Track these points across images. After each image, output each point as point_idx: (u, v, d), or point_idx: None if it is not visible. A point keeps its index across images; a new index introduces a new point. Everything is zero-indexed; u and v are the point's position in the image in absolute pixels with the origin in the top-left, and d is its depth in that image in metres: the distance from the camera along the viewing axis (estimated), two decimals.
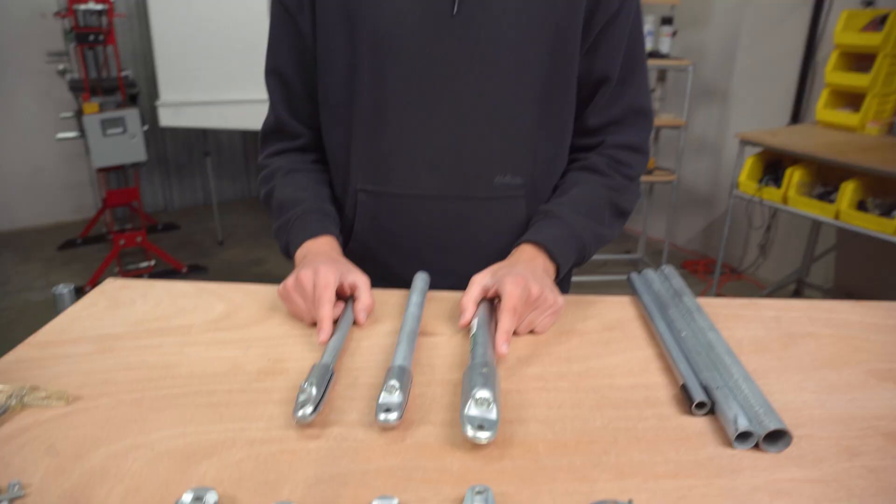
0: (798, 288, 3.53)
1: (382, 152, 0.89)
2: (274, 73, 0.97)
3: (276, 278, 3.51)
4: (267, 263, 3.80)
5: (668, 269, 0.89)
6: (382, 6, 0.84)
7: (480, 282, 0.79)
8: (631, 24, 0.89)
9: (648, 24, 3.16)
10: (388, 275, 0.93)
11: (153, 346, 0.74)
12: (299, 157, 1.01)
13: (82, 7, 3.18)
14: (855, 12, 2.80)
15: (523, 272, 0.77)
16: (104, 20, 3.36)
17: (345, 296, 0.82)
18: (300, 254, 0.89)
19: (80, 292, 3.30)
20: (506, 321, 0.71)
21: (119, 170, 3.60)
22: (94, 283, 3.33)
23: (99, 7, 3.19)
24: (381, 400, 0.60)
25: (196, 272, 3.62)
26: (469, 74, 0.85)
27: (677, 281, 0.86)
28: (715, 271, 3.10)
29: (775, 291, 3.46)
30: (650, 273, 0.89)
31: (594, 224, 0.90)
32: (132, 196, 3.54)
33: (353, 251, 0.96)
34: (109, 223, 4.14)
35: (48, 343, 0.75)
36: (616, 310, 0.85)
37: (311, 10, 0.90)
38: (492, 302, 0.79)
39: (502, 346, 0.68)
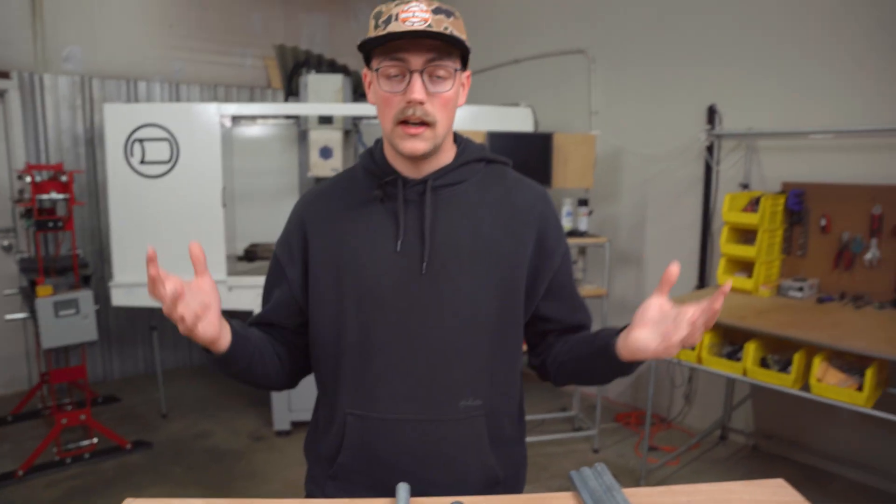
0: (723, 433, 3.80)
1: (368, 383, 1.11)
2: (265, 303, 1.21)
3: (224, 451, 3.50)
4: (214, 436, 3.78)
5: (601, 467, 1.11)
6: (366, 267, 1.10)
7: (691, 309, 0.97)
8: (570, 269, 1.22)
9: (567, 206, 3.61)
10: (374, 484, 1.10)
11: None
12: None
13: (45, 197, 3.36)
14: (735, 195, 3.32)
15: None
16: (64, 207, 3.55)
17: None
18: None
19: (8, 477, 3.22)
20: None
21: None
22: (28, 467, 3.23)
23: (61, 197, 3.38)
24: None
25: (141, 448, 3.57)
26: (436, 320, 1.09)
27: (608, 477, 1.08)
28: (646, 424, 3.33)
29: (703, 439, 3.71)
30: (586, 471, 1.10)
31: None
32: (78, 374, 3.53)
33: (342, 465, 1.13)
34: (45, 398, 4.04)
35: None
36: None
37: (302, 265, 1.15)
38: None
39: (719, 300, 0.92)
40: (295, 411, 3.75)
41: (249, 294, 3.64)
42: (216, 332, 0.99)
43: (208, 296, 0.98)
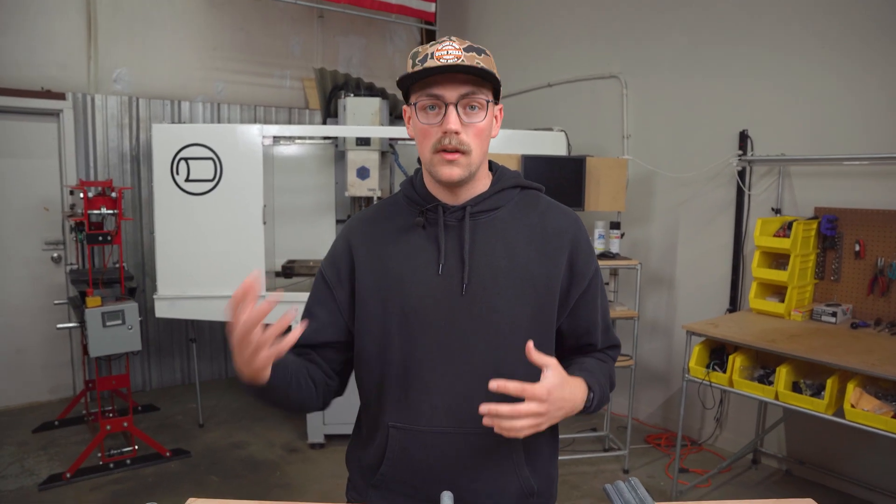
0: (755, 457, 3.77)
1: (410, 398, 1.18)
2: (306, 318, 1.27)
3: (259, 462, 3.60)
4: (249, 447, 3.87)
5: (635, 481, 1.16)
6: (410, 290, 1.17)
7: (543, 388, 1.04)
8: (599, 291, 1.28)
9: (599, 229, 3.66)
10: (414, 493, 1.17)
11: None
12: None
13: (96, 212, 3.52)
14: (767, 220, 3.34)
15: (557, 402, 1.05)
16: (113, 222, 3.71)
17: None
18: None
19: (57, 479, 3.38)
20: (504, 407, 1.00)
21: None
22: (75, 469, 3.36)
23: (111, 212, 3.54)
24: None
25: (179, 456, 3.68)
26: (476, 338, 1.16)
27: (642, 490, 1.13)
28: (676, 445, 3.33)
29: (734, 462, 3.69)
30: (621, 485, 1.15)
31: (605, 388, 1.23)
32: (122, 383, 3.66)
33: (384, 474, 1.20)
34: (88, 405, 4.19)
35: None
36: None
37: (349, 287, 1.23)
38: None
39: (483, 408, 1.00)
40: (329, 424, 3.83)
41: (287, 309, 3.74)
42: (265, 366, 1.04)
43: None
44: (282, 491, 3.34)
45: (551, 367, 1.06)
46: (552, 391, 1.04)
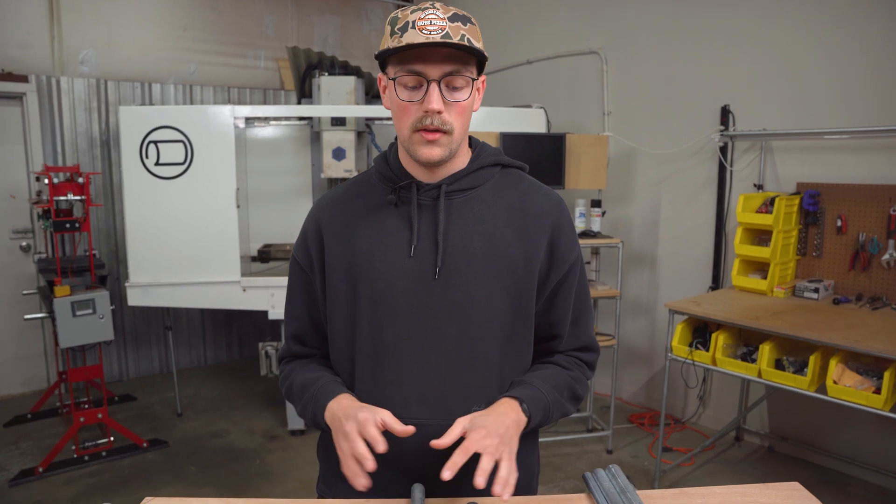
0: (738, 435, 3.77)
1: (380, 387, 1.11)
2: (290, 315, 1.22)
3: (238, 450, 3.53)
4: (229, 436, 3.81)
5: (615, 469, 1.11)
6: (380, 272, 1.10)
7: (461, 423, 0.99)
8: (577, 281, 1.19)
9: (580, 207, 3.60)
10: (386, 486, 1.11)
11: None
12: (310, 359, 1.24)
13: (62, 198, 3.41)
14: (749, 196, 3.30)
15: (491, 424, 0.98)
16: (81, 209, 3.59)
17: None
18: (328, 415, 1.07)
19: (29, 474, 3.30)
20: (457, 455, 0.94)
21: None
22: (48, 464, 3.28)
23: (78, 198, 3.43)
24: None
25: (157, 447, 3.60)
26: (448, 325, 1.10)
27: (623, 479, 1.08)
28: (660, 424, 3.31)
29: (717, 440, 3.69)
30: (601, 472, 1.10)
31: (557, 396, 1.14)
32: (96, 374, 3.57)
33: None
34: (62, 397, 4.10)
35: None
36: None
37: (321, 271, 1.16)
38: None
39: (445, 473, 0.92)
40: None
41: (263, 294, 3.67)
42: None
43: None
44: (261, 479, 3.29)
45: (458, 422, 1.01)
46: (473, 419, 1.00)
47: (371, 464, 0.96)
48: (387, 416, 1.01)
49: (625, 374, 4.34)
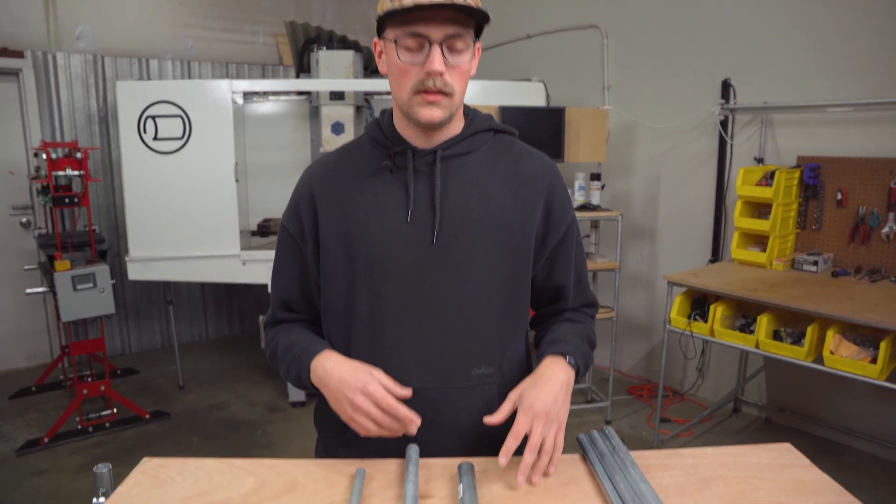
0: (736, 406, 3.81)
1: (379, 353, 1.12)
2: (278, 284, 1.22)
3: (240, 422, 3.56)
4: (230, 407, 3.85)
5: (609, 430, 1.12)
6: (377, 237, 1.10)
7: (511, 398, 1.04)
8: (575, 242, 1.21)
9: (580, 180, 3.59)
10: (385, 451, 1.12)
11: None
12: (294, 323, 1.25)
13: (61, 173, 3.40)
14: (749, 169, 3.29)
15: (540, 400, 1.02)
16: (79, 183, 3.59)
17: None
18: (315, 375, 1.09)
19: (35, 444, 3.33)
20: (509, 441, 0.98)
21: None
22: (54, 434, 3.32)
23: (76, 173, 3.42)
24: None
25: (159, 418, 3.64)
26: (447, 289, 1.10)
27: (616, 439, 1.09)
28: (658, 396, 3.34)
29: (715, 411, 3.73)
30: (595, 434, 1.12)
31: (586, 345, 1.19)
32: (97, 347, 3.60)
33: (355, 433, 1.15)
34: (65, 370, 4.13)
35: None
36: (570, 468, 1.06)
37: (313, 240, 1.16)
38: (473, 470, 1.00)
39: (501, 460, 0.97)
40: None
41: (262, 268, 3.68)
42: None
43: None
44: (262, 450, 3.33)
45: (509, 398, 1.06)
46: (522, 392, 1.04)
47: (415, 427, 1.03)
48: (385, 379, 1.03)
49: (624, 347, 4.36)
